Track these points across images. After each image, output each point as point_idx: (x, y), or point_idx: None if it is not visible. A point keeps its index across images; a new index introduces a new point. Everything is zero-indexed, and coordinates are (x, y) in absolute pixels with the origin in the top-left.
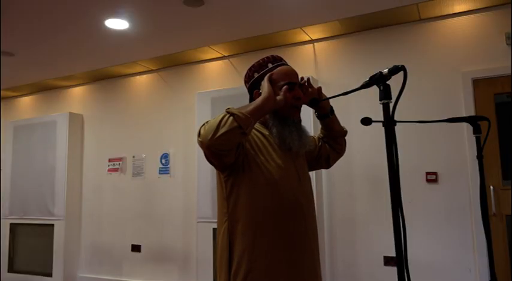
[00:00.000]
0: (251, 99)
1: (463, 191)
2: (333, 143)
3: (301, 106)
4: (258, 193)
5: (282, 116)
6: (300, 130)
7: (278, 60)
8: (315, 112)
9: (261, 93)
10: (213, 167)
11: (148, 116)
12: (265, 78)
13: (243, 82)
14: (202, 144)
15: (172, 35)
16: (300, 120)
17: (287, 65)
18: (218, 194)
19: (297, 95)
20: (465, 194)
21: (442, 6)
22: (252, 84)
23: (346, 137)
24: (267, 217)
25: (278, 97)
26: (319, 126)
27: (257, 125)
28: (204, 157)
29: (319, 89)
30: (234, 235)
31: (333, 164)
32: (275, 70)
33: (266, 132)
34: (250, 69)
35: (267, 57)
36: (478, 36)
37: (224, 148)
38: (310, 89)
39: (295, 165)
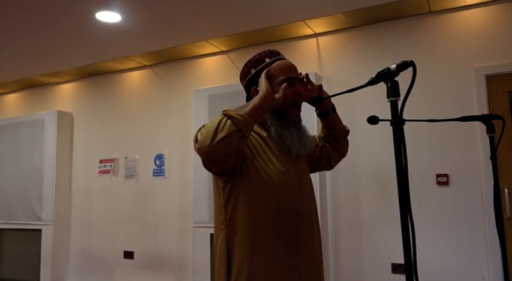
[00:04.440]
0: (248, 97)
1: (476, 194)
2: (334, 143)
3: (301, 103)
4: (257, 199)
5: (282, 114)
6: (300, 130)
7: (276, 55)
8: (316, 110)
9: (258, 90)
10: None
11: (142, 115)
12: (262, 74)
13: None
14: (200, 151)
15: (167, 29)
16: (300, 120)
17: (285, 59)
18: (215, 201)
19: (298, 91)
20: (478, 198)
21: None
22: (249, 81)
23: (350, 137)
24: (267, 224)
25: (277, 95)
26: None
27: (255, 126)
28: (200, 157)
29: (320, 86)
30: (233, 243)
31: (335, 165)
32: (273, 65)
33: (264, 134)
34: (246, 65)
35: (264, 51)
36: (492, 29)
37: (224, 153)
38: (309, 86)
39: (295, 168)
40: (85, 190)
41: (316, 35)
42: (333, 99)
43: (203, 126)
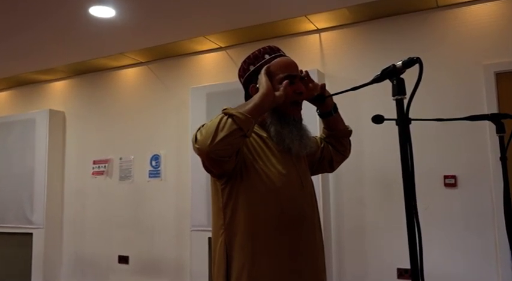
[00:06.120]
0: (246, 95)
1: (485, 196)
2: (336, 144)
3: (302, 102)
4: (257, 202)
5: (282, 113)
6: (301, 130)
7: (275, 51)
8: (317, 109)
9: (257, 87)
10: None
11: (137, 114)
12: (262, 71)
13: None
14: (200, 151)
15: (163, 24)
16: (301, 119)
17: (285, 56)
18: (213, 204)
19: (298, 89)
20: (487, 200)
21: None
22: (248, 79)
23: (354, 137)
24: (268, 228)
25: (277, 93)
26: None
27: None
28: (198, 158)
29: (323, 85)
30: (232, 248)
31: (337, 167)
32: (272, 62)
33: (264, 135)
34: (245, 61)
35: (263, 48)
36: (502, 25)
37: (225, 153)
38: (310, 84)
39: (296, 169)
40: (78, 192)
41: (318, 30)
42: (336, 98)
43: (203, 126)
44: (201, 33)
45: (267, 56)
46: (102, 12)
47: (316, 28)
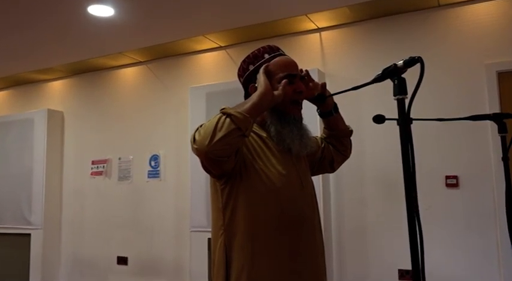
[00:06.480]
0: (246, 95)
1: (487, 196)
2: (336, 144)
3: (302, 101)
4: (257, 202)
5: (282, 112)
6: (301, 129)
7: (275, 51)
8: (317, 109)
9: (257, 87)
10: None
11: (136, 114)
12: (261, 70)
13: None
14: (198, 151)
15: (163, 23)
16: (301, 119)
17: (285, 55)
18: (213, 205)
19: (298, 89)
20: (489, 200)
21: None
22: (247, 78)
23: (355, 137)
24: (268, 228)
25: (276, 92)
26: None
27: (253, 127)
28: (197, 158)
29: (324, 85)
30: (232, 249)
31: (338, 167)
32: (272, 61)
33: (264, 135)
34: (244, 61)
35: (263, 47)
36: (504, 24)
37: (224, 153)
38: (311, 83)
39: (296, 170)
40: (76, 193)
41: (319, 29)
42: (337, 97)
43: (201, 126)
44: (200, 33)
45: (266, 56)
46: (101, 11)
47: (316, 27)
